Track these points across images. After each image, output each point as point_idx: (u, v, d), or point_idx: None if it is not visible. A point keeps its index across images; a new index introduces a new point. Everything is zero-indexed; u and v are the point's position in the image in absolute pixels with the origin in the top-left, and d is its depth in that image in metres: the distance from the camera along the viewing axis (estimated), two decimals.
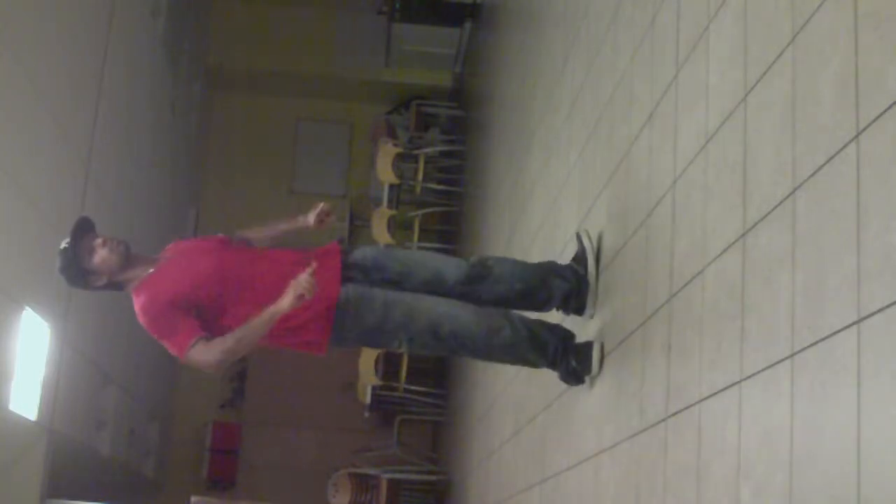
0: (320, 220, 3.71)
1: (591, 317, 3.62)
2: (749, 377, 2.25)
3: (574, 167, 4.27)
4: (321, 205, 3.73)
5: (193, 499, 8.31)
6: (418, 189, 9.58)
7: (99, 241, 3.56)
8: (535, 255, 4.60)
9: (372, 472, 8.43)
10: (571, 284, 3.58)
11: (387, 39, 10.49)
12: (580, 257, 3.65)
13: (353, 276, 3.53)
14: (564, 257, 3.87)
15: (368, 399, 9.09)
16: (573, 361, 3.53)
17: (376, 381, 8.84)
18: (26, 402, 5.89)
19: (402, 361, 8.84)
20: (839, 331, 1.86)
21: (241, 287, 3.46)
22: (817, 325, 1.95)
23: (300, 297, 3.24)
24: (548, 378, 4.38)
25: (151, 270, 3.54)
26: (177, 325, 3.38)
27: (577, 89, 4.36)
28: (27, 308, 5.78)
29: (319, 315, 3.44)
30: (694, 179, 2.74)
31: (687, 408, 2.63)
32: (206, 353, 3.35)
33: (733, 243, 2.41)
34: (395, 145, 9.40)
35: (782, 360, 2.09)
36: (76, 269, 3.56)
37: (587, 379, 3.58)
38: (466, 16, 9.73)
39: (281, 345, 3.56)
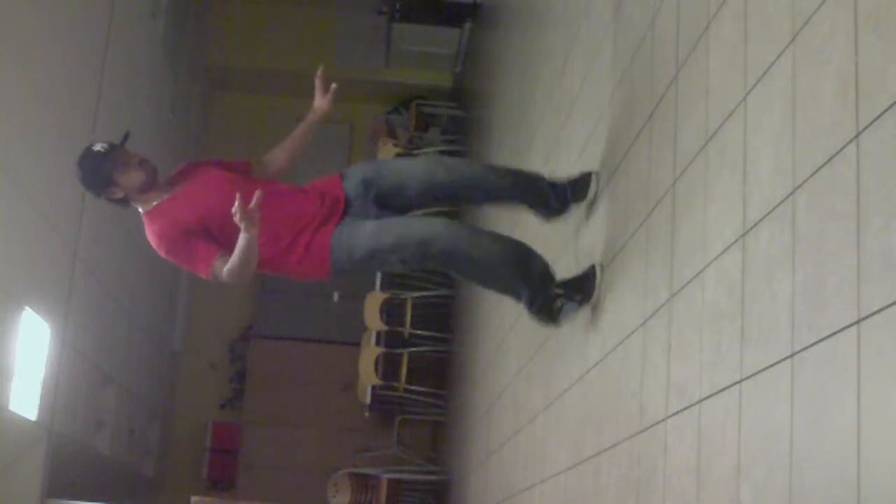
0: (325, 92, 3.84)
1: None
2: (749, 377, 2.26)
3: (574, 167, 4.26)
4: (318, 72, 3.83)
5: (193, 499, 8.31)
6: None
7: (137, 159, 3.63)
8: None
9: (372, 472, 8.43)
10: (556, 208, 3.74)
11: (387, 39, 10.48)
12: (580, 184, 3.72)
13: (351, 210, 3.66)
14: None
15: (368, 399, 9.09)
16: (552, 291, 3.56)
17: (376, 381, 8.84)
18: (26, 402, 5.89)
19: (402, 361, 8.84)
20: (839, 331, 1.86)
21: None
22: (817, 325, 1.95)
23: (250, 222, 3.33)
24: (548, 378, 4.38)
25: (165, 197, 3.65)
26: (194, 250, 3.57)
27: (577, 89, 4.36)
28: (27, 308, 5.79)
29: (317, 247, 3.59)
30: (694, 179, 2.74)
31: (687, 408, 2.63)
32: (223, 270, 3.53)
33: (733, 243, 2.41)
34: (395, 145, 9.40)
35: (782, 360, 2.09)
36: (104, 175, 3.61)
37: (587, 306, 3.61)
38: (466, 16, 9.73)
39: (284, 272, 3.71)
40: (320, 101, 3.90)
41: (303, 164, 4.21)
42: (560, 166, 4.59)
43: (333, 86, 3.85)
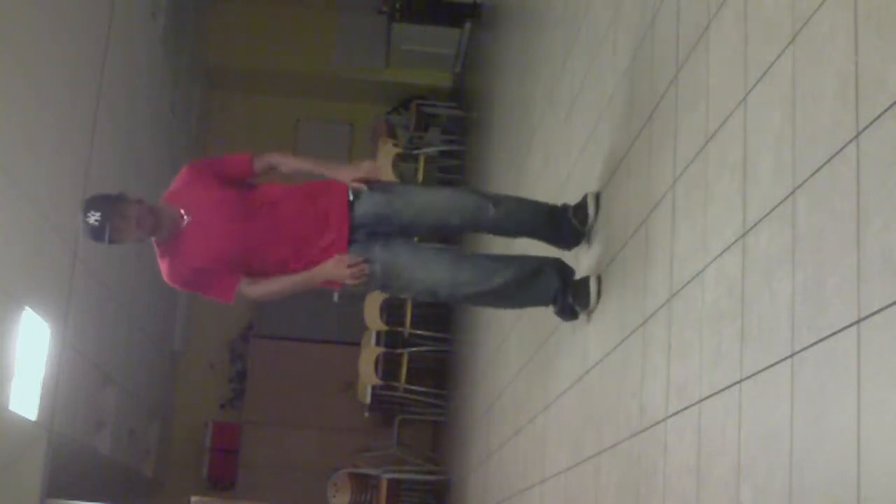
0: (357, 178, 3.77)
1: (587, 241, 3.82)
2: (749, 377, 2.26)
3: (574, 167, 4.27)
4: (364, 167, 3.78)
5: (193, 499, 8.31)
6: None
7: (133, 220, 3.58)
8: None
9: (372, 472, 8.43)
10: (567, 245, 3.84)
11: (387, 39, 10.48)
12: (580, 213, 3.75)
13: (356, 237, 3.66)
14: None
15: (368, 399, 9.09)
16: (570, 298, 3.66)
17: (376, 381, 8.84)
18: (26, 402, 5.89)
19: (402, 361, 8.84)
20: (839, 331, 1.86)
21: (261, 245, 3.64)
22: (817, 325, 1.95)
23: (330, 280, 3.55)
24: (548, 378, 4.38)
25: (173, 233, 3.64)
26: (212, 283, 3.65)
27: (577, 89, 4.36)
28: (27, 308, 5.78)
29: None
30: (694, 179, 2.74)
31: (687, 408, 2.63)
32: (252, 290, 3.65)
33: (733, 243, 2.41)
34: (395, 145, 9.40)
35: (782, 360, 2.09)
36: (105, 241, 3.61)
37: (583, 314, 3.69)
38: (466, 16, 9.73)
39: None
40: (345, 177, 3.75)
41: None
42: (560, 166, 4.59)
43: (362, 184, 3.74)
